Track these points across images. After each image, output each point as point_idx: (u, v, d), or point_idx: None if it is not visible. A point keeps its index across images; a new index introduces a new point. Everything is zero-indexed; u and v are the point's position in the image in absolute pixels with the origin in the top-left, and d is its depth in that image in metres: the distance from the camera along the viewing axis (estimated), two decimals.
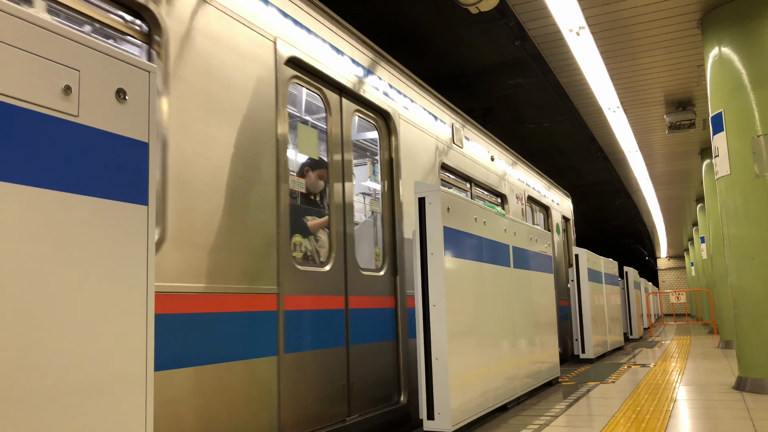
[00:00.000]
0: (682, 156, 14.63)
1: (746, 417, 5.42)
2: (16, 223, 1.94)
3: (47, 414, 1.98)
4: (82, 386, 2.10)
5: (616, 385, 8.09)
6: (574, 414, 6.16)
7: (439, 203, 5.33)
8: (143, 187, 2.37)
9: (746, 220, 6.76)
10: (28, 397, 1.93)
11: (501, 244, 6.95)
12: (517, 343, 7.14)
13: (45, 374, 1.99)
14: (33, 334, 1.96)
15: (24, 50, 1.99)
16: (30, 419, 1.93)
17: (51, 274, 2.03)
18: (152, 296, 2.41)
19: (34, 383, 1.96)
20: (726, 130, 6.93)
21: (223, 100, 3.96)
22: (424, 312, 5.27)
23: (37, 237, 2.00)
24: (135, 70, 2.39)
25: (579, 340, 11.65)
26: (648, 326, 22.98)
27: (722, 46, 7.08)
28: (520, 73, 11.61)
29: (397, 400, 5.77)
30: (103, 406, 2.17)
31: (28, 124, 1.98)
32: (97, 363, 2.17)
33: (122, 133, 2.30)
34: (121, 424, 2.23)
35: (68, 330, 2.07)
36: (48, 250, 2.02)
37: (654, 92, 10.38)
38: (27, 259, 1.96)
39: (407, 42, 10.10)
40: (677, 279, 41.29)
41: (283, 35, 4.60)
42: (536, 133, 15.53)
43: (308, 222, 5.23)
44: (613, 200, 24.34)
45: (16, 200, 1.94)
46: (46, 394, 1.98)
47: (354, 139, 5.79)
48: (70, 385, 2.06)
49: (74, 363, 2.09)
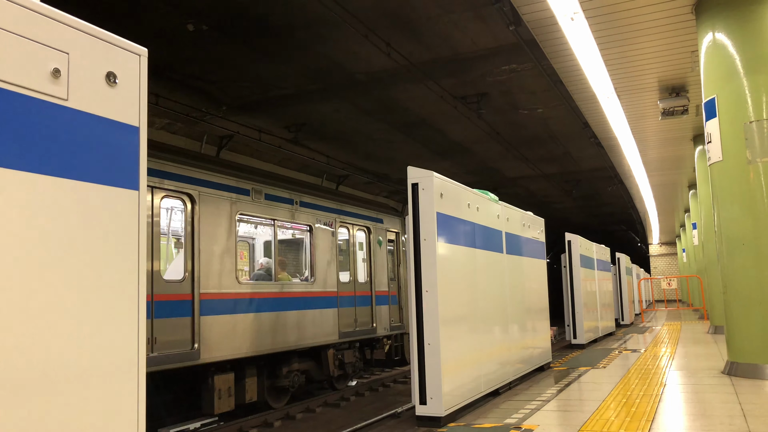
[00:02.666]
0: (674, 142, 14.66)
1: (735, 401, 5.48)
2: (4, 208, 1.92)
3: (39, 399, 1.98)
4: (74, 371, 2.10)
5: (607, 370, 8.16)
6: (564, 398, 6.22)
7: (432, 189, 5.33)
8: (134, 171, 2.35)
9: (738, 206, 6.79)
10: (19, 384, 1.93)
11: (494, 230, 6.96)
12: (509, 328, 7.18)
13: (36, 361, 1.98)
14: (21, 320, 1.95)
15: (10, 32, 1.96)
16: (21, 405, 1.93)
17: (40, 258, 2.01)
18: (143, 281, 2.40)
19: (26, 369, 1.95)
20: (719, 116, 6.94)
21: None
22: (416, 298, 5.29)
23: (26, 222, 1.98)
24: (125, 53, 2.36)
25: (571, 325, 11.74)
26: (639, 312, 23.16)
27: (716, 32, 7.07)
28: (515, 59, 11.54)
29: None
30: (95, 390, 2.17)
31: (15, 108, 1.96)
32: (88, 349, 2.16)
33: (112, 117, 2.27)
34: (114, 406, 2.23)
35: (58, 315, 2.06)
36: (37, 235, 2.01)
37: (648, 78, 10.37)
38: (15, 243, 1.94)
39: (402, 27, 10.03)
40: (669, 265, 41.57)
41: None
42: (530, 119, 15.49)
43: None
44: (606, 186, 24.39)
45: (4, 185, 1.92)
46: (38, 380, 1.98)
47: None
48: (62, 370, 2.05)
49: (64, 350, 2.08)
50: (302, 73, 12.00)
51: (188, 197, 7.97)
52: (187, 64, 11.36)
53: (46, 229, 2.03)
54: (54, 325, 2.04)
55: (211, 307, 8.00)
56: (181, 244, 8.08)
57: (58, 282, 2.06)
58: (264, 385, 9.20)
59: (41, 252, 2.01)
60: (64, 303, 2.07)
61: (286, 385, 9.60)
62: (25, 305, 1.95)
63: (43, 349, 2.00)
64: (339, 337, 10.72)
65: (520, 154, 19.00)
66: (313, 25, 10.01)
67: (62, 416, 2.04)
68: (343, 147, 17.49)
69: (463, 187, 6.13)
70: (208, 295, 7.98)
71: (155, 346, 7.12)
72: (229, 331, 8.22)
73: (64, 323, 2.07)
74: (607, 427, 4.70)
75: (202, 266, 7.94)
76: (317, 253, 10.50)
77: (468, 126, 15.32)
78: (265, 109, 14.01)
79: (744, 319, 6.75)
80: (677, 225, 31.68)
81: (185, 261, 7.85)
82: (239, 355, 8.35)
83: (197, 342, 7.67)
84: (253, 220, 9.46)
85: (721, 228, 7.06)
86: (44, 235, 2.03)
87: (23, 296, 1.95)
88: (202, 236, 8.01)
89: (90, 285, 2.17)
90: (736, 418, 4.79)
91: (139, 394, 2.34)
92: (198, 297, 7.80)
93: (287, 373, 9.62)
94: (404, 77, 12.13)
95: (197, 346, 7.66)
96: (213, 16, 9.61)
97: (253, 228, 9.86)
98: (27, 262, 1.96)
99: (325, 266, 10.67)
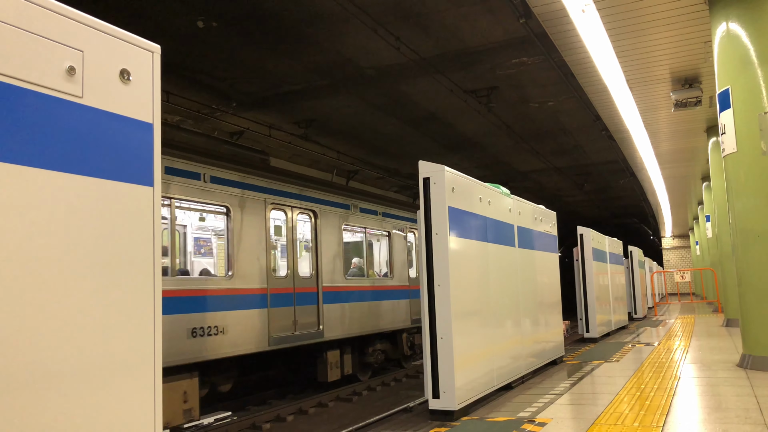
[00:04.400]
0: (687, 134, 14.52)
1: (750, 394, 5.44)
2: (22, 204, 1.94)
3: (54, 395, 2.00)
4: (91, 367, 2.12)
5: (620, 363, 8.13)
6: (578, 392, 6.20)
7: (444, 183, 5.31)
8: (149, 168, 2.36)
9: (753, 198, 6.72)
10: (32, 380, 1.94)
11: (506, 224, 6.94)
12: (521, 322, 7.16)
13: (51, 357, 2.00)
14: (38, 317, 1.97)
15: (26, 31, 1.97)
16: (35, 402, 1.95)
17: (56, 254, 2.03)
18: (159, 277, 2.41)
19: (41, 365, 1.97)
20: (733, 107, 6.86)
21: None
22: (428, 292, 5.29)
23: (43, 218, 2.00)
24: (138, 51, 2.37)
25: (583, 319, 11.69)
26: (652, 305, 23.02)
27: (730, 22, 6.99)
28: (525, 52, 11.48)
29: None
30: (111, 387, 2.19)
31: (31, 106, 1.97)
32: (105, 345, 2.18)
33: (127, 114, 2.29)
34: (129, 403, 2.25)
35: (74, 311, 2.08)
36: (53, 231, 2.03)
37: (660, 69, 10.27)
38: (32, 240, 1.96)
39: (411, 21, 10.00)
40: (682, 258, 41.24)
41: None
42: (541, 112, 15.40)
43: None
44: (618, 179, 24.23)
45: (22, 182, 1.94)
46: (53, 376, 2.00)
47: None
48: (76, 366, 2.07)
49: (80, 346, 2.10)
50: (312, 68, 12.00)
51: (312, 213, 10.24)
52: (198, 61, 11.40)
53: (61, 226, 2.05)
54: (70, 320, 2.05)
55: (329, 297, 10.17)
56: (308, 248, 10.41)
57: (73, 277, 2.07)
58: (356, 360, 11.33)
59: (56, 247, 2.03)
60: (79, 298, 2.09)
61: (372, 361, 11.77)
62: (42, 301, 1.97)
63: (58, 344, 2.01)
64: (411, 323, 12.80)
65: (531, 148, 18.91)
66: (323, 21, 10.01)
67: (78, 412, 2.06)
68: (353, 142, 17.49)
69: (474, 180, 6.11)
70: (327, 288, 10.19)
71: (297, 327, 9.24)
72: (338, 316, 10.41)
73: (79, 318, 2.09)
74: (621, 421, 4.69)
75: (322, 266, 10.14)
76: (394, 253, 12.72)
77: (478, 120, 15.26)
78: (275, 105, 14.04)
79: (759, 312, 6.69)
80: (690, 218, 31.41)
81: (311, 261, 10.11)
82: (344, 336, 10.50)
83: (321, 324, 9.85)
84: (352, 229, 11.81)
85: (735, 220, 7.00)
86: (59, 231, 2.04)
87: (40, 292, 1.97)
88: (322, 242, 10.23)
89: (105, 280, 2.18)
90: (752, 411, 4.76)
91: (155, 389, 2.36)
92: (321, 289, 10.02)
93: (372, 351, 11.77)
94: (414, 72, 12.10)
95: (321, 328, 9.83)
96: (223, 13, 9.64)
97: (350, 235, 12.11)
98: (42, 258, 1.98)
99: (400, 264, 12.82)
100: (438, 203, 5.31)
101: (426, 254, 5.32)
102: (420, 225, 5.41)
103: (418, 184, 5.44)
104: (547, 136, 18.04)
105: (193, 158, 7.83)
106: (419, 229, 5.44)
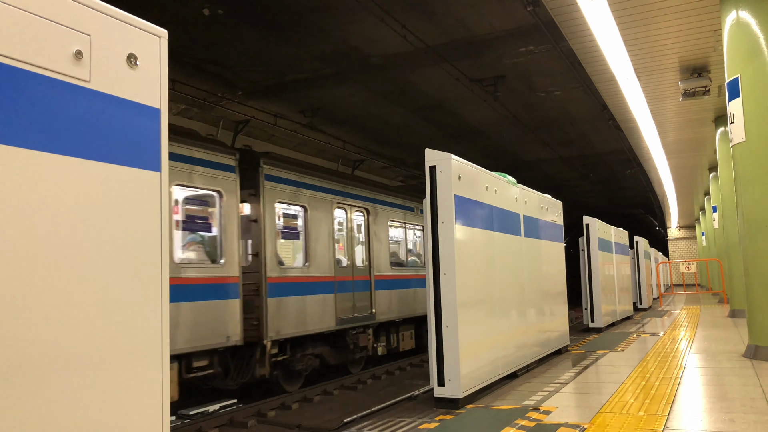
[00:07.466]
0: (695, 124, 14.42)
1: (756, 384, 5.44)
2: (29, 189, 1.94)
3: (65, 381, 2.01)
4: (99, 355, 2.12)
5: (625, 353, 8.13)
6: (583, 381, 6.21)
7: (450, 171, 5.30)
8: (156, 153, 2.36)
9: (761, 188, 6.68)
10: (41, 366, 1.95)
11: (512, 213, 6.92)
12: (526, 311, 7.16)
13: (59, 343, 2.01)
14: (45, 303, 1.98)
15: (34, 14, 1.97)
16: (44, 388, 1.96)
17: (63, 239, 2.03)
18: (166, 264, 2.41)
19: (49, 352, 1.98)
20: (742, 96, 6.80)
21: None
22: (434, 280, 5.29)
23: (50, 203, 2.00)
24: (146, 35, 2.36)
25: (588, 309, 11.68)
26: (657, 296, 22.99)
27: (740, 10, 6.91)
28: (532, 40, 11.40)
29: None
30: (119, 375, 2.20)
31: (39, 89, 1.97)
32: (112, 332, 2.18)
33: (134, 99, 2.28)
34: (139, 389, 2.26)
35: (81, 298, 2.08)
36: (60, 216, 2.03)
37: (669, 58, 10.18)
38: (39, 224, 1.97)
39: (418, 9, 9.93)
40: (688, 249, 41.10)
41: None
42: (547, 101, 15.31)
43: None
44: (624, 170, 24.11)
45: (30, 166, 1.94)
46: (63, 362, 2.00)
47: None
48: (86, 353, 2.08)
49: (89, 333, 2.10)
50: (318, 57, 11.95)
51: (365, 210, 11.97)
52: (203, 49, 11.37)
53: (68, 210, 2.05)
54: (77, 307, 2.06)
55: (379, 285, 11.83)
56: (362, 241, 11.88)
57: (81, 259, 2.07)
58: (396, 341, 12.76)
59: (64, 232, 2.03)
60: (87, 283, 2.09)
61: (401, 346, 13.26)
62: (51, 285, 1.98)
63: (65, 331, 2.02)
64: None
65: (537, 138, 18.83)
66: (329, 9, 9.95)
67: (87, 399, 2.07)
68: (359, 131, 17.44)
69: (481, 169, 6.09)
70: (377, 276, 11.88)
71: (355, 310, 10.96)
72: (386, 301, 12.05)
73: (87, 305, 2.09)
74: (626, 410, 4.69)
75: (373, 256, 11.84)
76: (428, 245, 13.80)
77: (484, 109, 15.19)
78: (280, 94, 14.00)
79: (766, 302, 6.67)
80: (696, 208, 31.27)
81: (365, 253, 11.77)
82: (389, 319, 12.14)
83: (374, 308, 11.60)
84: (395, 224, 13.30)
85: (743, 210, 6.96)
86: (66, 214, 2.04)
87: (46, 277, 1.97)
88: (372, 236, 11.92)
89: (113, 263, 2.18)
90: (757, 400, 4.75)
91: (163, 377, 2.36)
92: (373, 278, 11.72)
93: (402, 336, 13.07)
94: (420, 60, 12.04)
95: (374, 311, 11.60)
96: (229, 1, 9.60)
97: (394, 230, 13.49)
98: (49, 243, 1.98)
99: None
100: (444, 192, 5.30)
101: (432, 243, 5.32)
102: (426, 213, 5.40)
103: (424, 174, 5.42)
104: (553, 126, 17.95)
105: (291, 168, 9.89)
106: (425, 217, 5.44)
